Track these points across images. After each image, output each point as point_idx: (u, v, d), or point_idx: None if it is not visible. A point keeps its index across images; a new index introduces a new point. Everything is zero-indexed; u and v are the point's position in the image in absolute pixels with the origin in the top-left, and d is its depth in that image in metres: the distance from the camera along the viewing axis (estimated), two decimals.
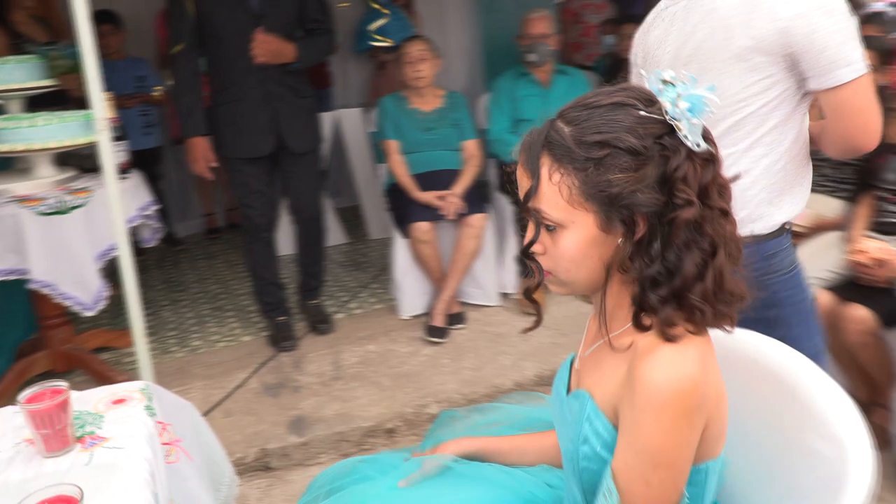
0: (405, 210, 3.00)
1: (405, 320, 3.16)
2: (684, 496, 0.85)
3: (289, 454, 2.35)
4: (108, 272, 2.35)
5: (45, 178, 2.39)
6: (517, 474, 1.15)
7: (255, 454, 2.30)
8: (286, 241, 3.93)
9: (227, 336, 3.12)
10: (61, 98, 2.75)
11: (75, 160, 2.58)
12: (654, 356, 0.82)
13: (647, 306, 0.85)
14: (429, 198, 2.96)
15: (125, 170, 2.56)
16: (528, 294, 0.97)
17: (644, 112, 0.84)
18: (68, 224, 2.24)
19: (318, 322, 3.07)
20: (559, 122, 0.89)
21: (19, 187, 2.32)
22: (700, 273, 0.83)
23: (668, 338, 0.83)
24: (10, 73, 2.45)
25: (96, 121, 1.91)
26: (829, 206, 2.44)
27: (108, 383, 1.36)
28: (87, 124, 2.24)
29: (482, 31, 5.33)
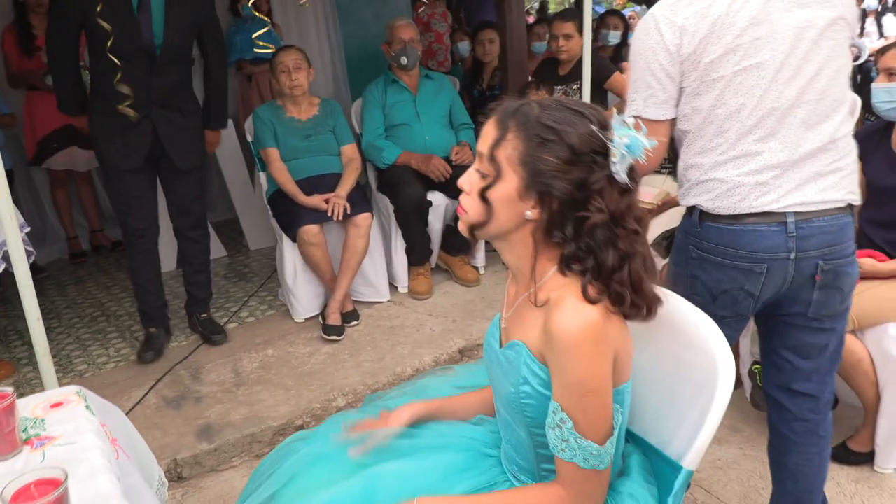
0: (292, 215, 3.07)
1: (300, 323, 3.22)
2: (618, 412, 1.04)
3: (201, 461, 2.36)
4: None
5: None
6: (466, 430, 1.30)
7: (166, 465, 2.29)
8: (170, 256, 3.86)
9: (115, 357, 3.02)
10: None
11: None
12: (562, 308, 1.00)
13: (580, 275, 1.04)
14: (315, 201, 3.05)
15: None
16: (470, 231, 1.11)
17: (596, 129, 1.03)
18: None
19: (212, 334, 3.06)
20: (536, 103, 1.07)
21: None
22: (618, 266, 1.02)
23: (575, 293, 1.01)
24: None
25: None
26: (674, 185, 2.82)
27: None
28: None
29: (342, 41, 5.46)
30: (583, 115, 1.04)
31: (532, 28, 4.51)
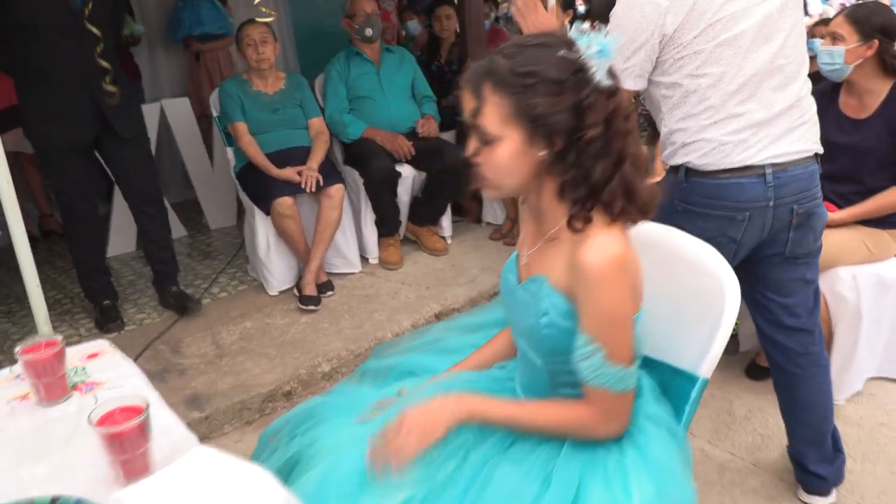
0: (265, 188, 3.08)
1: (274, 296, 3.24)
2: (636, 338, 1.14)
3: (192, 430, 2.36)
4: None
5: None
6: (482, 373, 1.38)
7: None
8: (129, 237, 3.81)
9: (87, 336, 2.98)
10: None
11: None
12: (590, 244, 1.07)
13: (570, 203, 1.09)
14: (288, 174, 3.07)
15: None
16: (474, 195, 1.19)
17: (563, 52, 1.06)
18: None
19: (185, 304, 3.06)
20: (498, 56, 1.10)
21: None
22: (608, 178, 1.08)
23: (579, 229, 1.07)
24: None
25: None
26: None
27: None
28: None
29: (292, 18, 5.43)
30: (546, 46, 1.07)
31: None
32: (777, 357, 1.85)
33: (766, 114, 1.58)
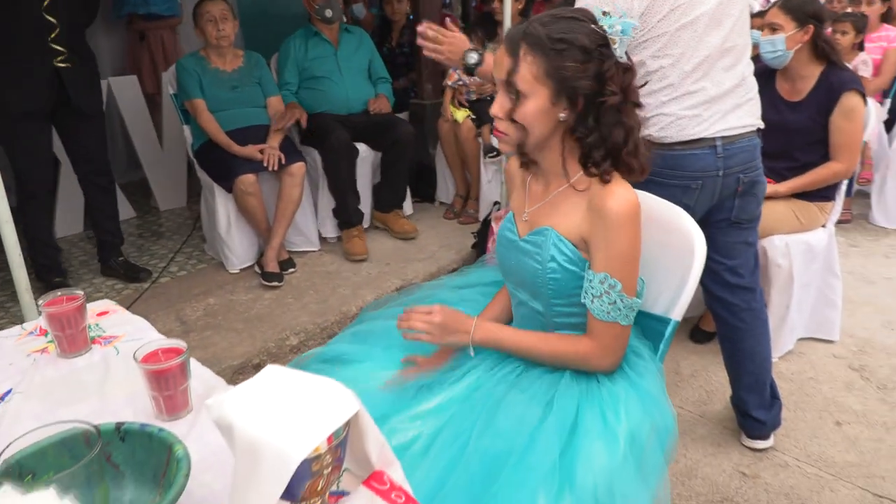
0: (226, 166, 3.09)
1: (235, 273, 3.26)
2: (640, 281, 1.29)
3: None
4: None
5: None
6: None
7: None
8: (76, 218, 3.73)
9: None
10: None
11: None
12: (612, 193, 1.22)
13: (592, 162, 1.24)
14: (250, 151, 3.09)
15: None
16: (518, 150, 1.30)
17: (594, 26, 1.21)
18: None
19: (136, 274, 3.15)
20: (535, 23, 1.23)
21: None
22: (625, 141, 1.23)
23: (608, 180, 1.23)
24: None
25: None
26: None
27: None
28: None
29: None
30: (578, 20, 1.22)
31: None
32: (723, 314, 2.03)
33: (718, 91, 1.75)
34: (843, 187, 2.58)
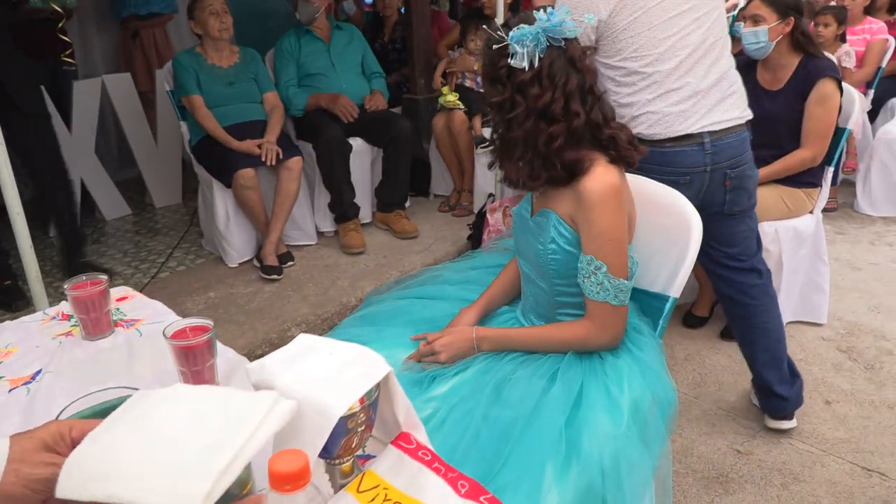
0: (225, 160, 3.12)
1: (234, 268, 3.30)
2: (632, 260, 1.34)
3: None
4: None
5: None
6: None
7: None
8: None
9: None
10: None
11: None
12: (590, 175, 1.29)
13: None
14: (248, 146, 3.12)
15: None
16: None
17: (502, 29, 1.29)
18: None
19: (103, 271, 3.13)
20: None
21: None
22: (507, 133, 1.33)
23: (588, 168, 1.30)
24: None
25: None
26: None
27: None
28: None
29: None
30: (505, 24, 1.31)
31: None
32: (730, 293, 2.06)
33: (702, 84, 1.81)
34: (829, 174, 2.65)
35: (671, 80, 1.79)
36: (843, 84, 2.52)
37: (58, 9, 3.88)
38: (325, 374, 0.76)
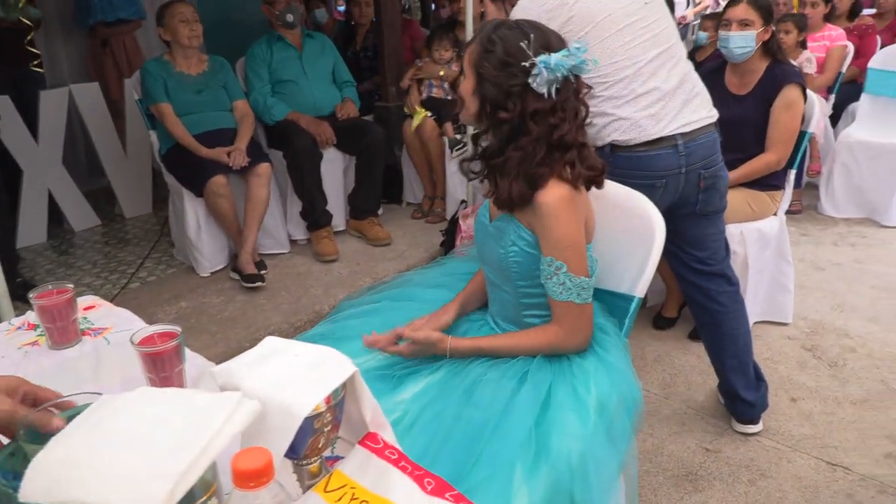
0: (196, 169, 3.10)
1: (206, 277, 3.27)
2: (592, 259, 1.37)
3: None
4: None
5: None
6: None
7: None
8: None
9: None
10: None
11: None
12: (545, 189, 1.31)
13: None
14: (217, 153, 3.11)
15: None
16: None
17: (524, 45, 1.27)
18: None
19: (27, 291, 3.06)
20: (500, 22, 1.34)
21: None
22: (500, 153, 1.34)
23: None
24: None
25: None
26: None
27: None
28: None
29: (197, 4, 5.35)
30: (522, 32, 1.29)
31: None
32: (700, 298, 2.10)
33: (667, 87, 1.85)
34: (792, 177, 2.72)
35: (636, 86, 1.82)
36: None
37: (24, 20, 3.85)
38: (291, 374, 0.77)
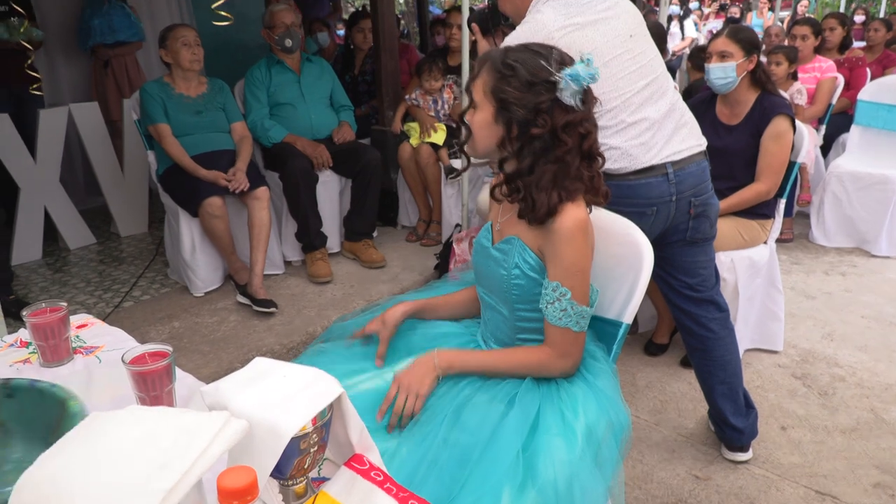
0: (192, 189, 3.12)
1: (200, 297, 3.28)
2: (593, 289, 1.39)
3: None
4: None
5: None
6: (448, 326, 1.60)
7: None
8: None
9: None
10: None
11: None
12: (562, 213, 1.32)
13: (508, 185, 1.37)
14: (215, 175, 3.13)
15: None
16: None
17: (543, 62, 1.32)
18: None
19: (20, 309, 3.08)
20: (505, 48, 1.37)
21: None
22: (531, 171, 1.33)
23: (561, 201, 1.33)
24: None
25: None
26: None
27: None
28: None
29: (196, 27, 5.42)
30: (537, 53, 1.34)
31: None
32: (690, 325, 2.11)
33: (656, 117, 1.88)
34: (782, 206, 2.75)
35: (625, 116, 1.84)
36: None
37: (24, 43, 3.90)
38: (279, 395, 0.78)
